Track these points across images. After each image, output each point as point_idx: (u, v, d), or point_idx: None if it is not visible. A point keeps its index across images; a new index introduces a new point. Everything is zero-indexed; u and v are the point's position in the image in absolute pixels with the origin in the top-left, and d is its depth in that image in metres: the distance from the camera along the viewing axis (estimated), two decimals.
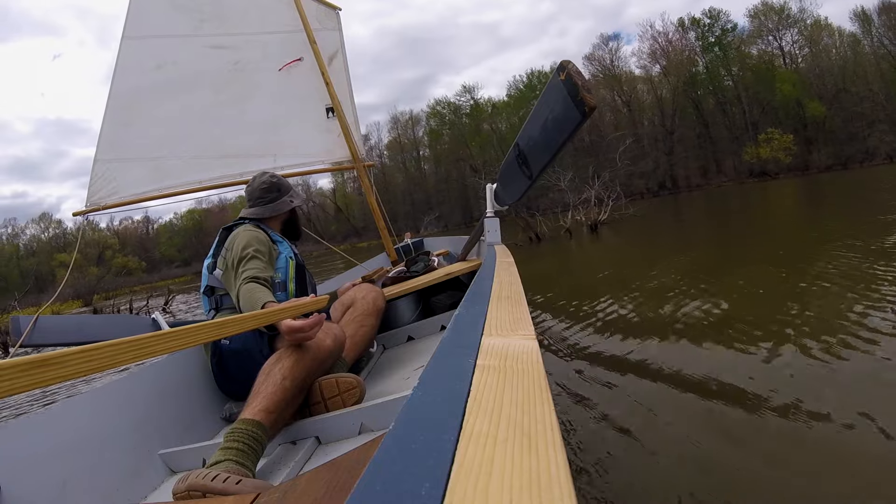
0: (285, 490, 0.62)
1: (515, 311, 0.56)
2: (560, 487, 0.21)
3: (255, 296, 1.18)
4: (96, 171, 2.73)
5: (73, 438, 1.02)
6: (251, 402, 1.00)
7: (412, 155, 47.47)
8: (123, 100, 2.83)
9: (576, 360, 2.24)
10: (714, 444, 1.34)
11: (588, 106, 0.79)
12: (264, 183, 1.62)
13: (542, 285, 4.34)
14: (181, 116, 2.96)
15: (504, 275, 0.87)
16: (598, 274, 4.68)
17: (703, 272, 3.82)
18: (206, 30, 3.09)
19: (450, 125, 44.87)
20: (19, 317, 1.69)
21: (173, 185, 2.90)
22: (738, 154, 34.35)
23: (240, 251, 1.35)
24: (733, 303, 2.73)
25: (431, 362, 0.39)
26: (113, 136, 2.78)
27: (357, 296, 1.64)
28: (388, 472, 0.24)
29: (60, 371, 0.50)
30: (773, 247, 4.60)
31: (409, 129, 48.04)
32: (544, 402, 0.30)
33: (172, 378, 1.36)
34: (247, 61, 3.18)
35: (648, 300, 3.12)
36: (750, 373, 1.75)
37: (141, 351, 0.60)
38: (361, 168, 3.32)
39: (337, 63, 3.56)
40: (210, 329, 0.77)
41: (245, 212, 1.61)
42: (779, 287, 2.95)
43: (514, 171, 1.21)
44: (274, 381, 1.03)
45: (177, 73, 2.97)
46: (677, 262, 4.49)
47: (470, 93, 44.65)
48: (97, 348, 0.54)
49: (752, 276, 3.37)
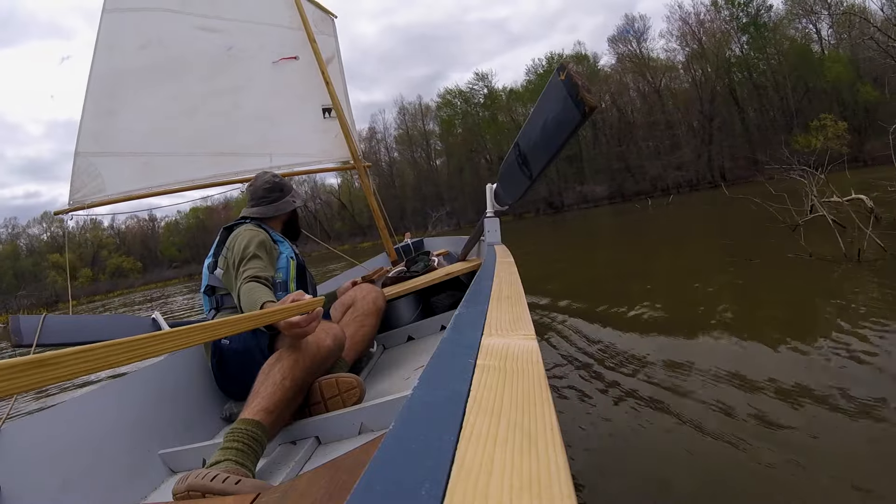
0: (285, 490, 0.62)
1: (515, 311, 0.56)
2: (560, 487, 0.21)
3: (254, 295, 1.18)
4: (78, 165, 2.53)
5: (73, 438, 1.02)
6: (251, 402, 1.00)
7: (422, 147, 45.44)
8: (105, 84, 2.62)
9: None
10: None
11: (588, 106, 0.79)
12: (267, 183, 1.63)
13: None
14: (170, 106, 2.77)
15: (504, 275, 0.87)
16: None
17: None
18: (194, 7, 2.91)
19: (462, 115, 42.40)
20: (19, 316, 1.69)
21: (164, 184, 2.74)
22: (787, 143, 31.07)
23: (241, 250, 1.35)
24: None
25: (431, 362, 0.39)
26: (95, 127, 2.58)
27: (358, 296, 1.64)
28: (388, 472, 0.24)
29: (59, 371, 0.49)
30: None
31: (419, 120, 45.85)
32: (544, 402, 0.30)
33: (172, 378, 1.36)
34: (241, 48, 3.03)
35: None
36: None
37: (140, 351, 0.60)
38: (361, 168, 3.31)
39: (333, 68, 3.54)
40: (209, 329, 0.77)
41: (247, 211, 1.61)
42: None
43: (514, 171, 1.21)
44: (273, 381, 1.03)
45: (164, 54, 2.78)
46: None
47: (483, 80, 42.05)
48: (96, 348, 0.54)
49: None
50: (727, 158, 32.62)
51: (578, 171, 37.73)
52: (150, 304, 14.62)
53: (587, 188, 36.30)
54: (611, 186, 35.57)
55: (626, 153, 35.60)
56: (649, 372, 1.89)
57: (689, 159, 33.01)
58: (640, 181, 34.49)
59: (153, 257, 50.75)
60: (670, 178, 32.67)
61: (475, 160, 40.36)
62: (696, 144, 33.60)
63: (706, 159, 33.04)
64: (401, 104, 47.47)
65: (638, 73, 36.64)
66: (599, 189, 35.70)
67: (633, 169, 35.00)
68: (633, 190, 34.42)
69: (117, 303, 23.60)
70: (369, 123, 47.68)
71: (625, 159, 35.60)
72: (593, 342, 2.41)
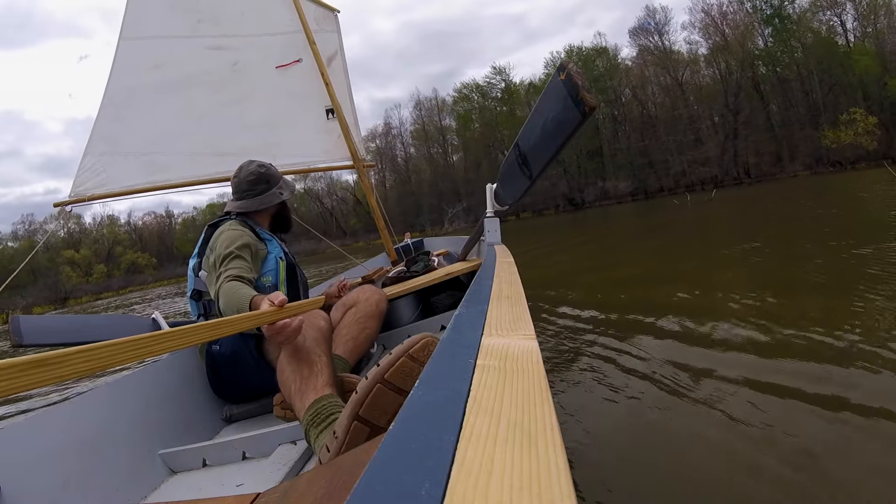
0: (285, 490, 0.62)
1: (515, 311, 0.56)
2: (560, 487, 0.21)
3: (239, 293, 1.10)
4: (84, 163, 2.67)
5: (73, 438, 1.02)
6: (305, 386, 0.96)
7: (438, 142, 45.06)
8: (119, 98, 2.79)
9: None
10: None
11: (588, 106, 0.80)
12: (251, 174, 1.52)
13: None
14: (178, 115, 2.93)
15: (504, 275, 0.87)
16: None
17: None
18: (203, 31, 3.07)
19: (479, 110, 42.09)
20: (19, 317, 1.69)
21: (166, 180, 2.84)
22: (813, 139, 29.20)
23: (222, 250, 1.27)
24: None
25: (431, 362, 0.39)
26: (105, 132, 2.74)
27: (360, 297, 1.60)
28: (388, 472, 0.24)
29: (59, 371, 0.50)
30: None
31: (435, 115, 45.36)
32: (544, 402, 0.30)
33: (172, 378, 1.36)
34: (245, 63, 3.16)
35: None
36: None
37: (140, 351, 0.60)
38: (361, 168, 3.32)
39: (336, 65, 3.56)
40: (209, 329, 0.77)
41: (231, 205, 1.51)
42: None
43: (515, 171, 1.21)
44: (312, 361, 1.00)
45: (175, 73, 2.95)
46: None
47: (501, 74, 41.73)
48: (96, 348, 0.54)
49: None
50: (751, 154, 31.67)
51: (599, 167, 36.97)
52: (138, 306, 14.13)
53: (609, 184, 35.39)
54: (634, 182, 34.70)
55: (649, 148, 34.69)
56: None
57: (714, 154, 31.98)
58: (662, 177, 33.74)
59: (169, 253, 50.69)
60: (695, 174, 31.79)
61: (492, 155, 39.67)
62: (721, 139, 32.55)
63: (731, 155, 32.00)
64: (417, 98, 47.01)
65: (660, 66, 35.74)
66: (623, 185, 34.79)
67: (655, 164, 34.19)
68: (655, 186, 33.69)
69: (116, 303, 23.30)
70: (384, 119, 47.31)
71: (647, 155, 34.71)
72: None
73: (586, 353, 2.17)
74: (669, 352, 1.99)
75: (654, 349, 2.06)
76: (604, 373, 1.91)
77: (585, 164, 37.04)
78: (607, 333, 2.41)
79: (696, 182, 31.31)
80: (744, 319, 2.24)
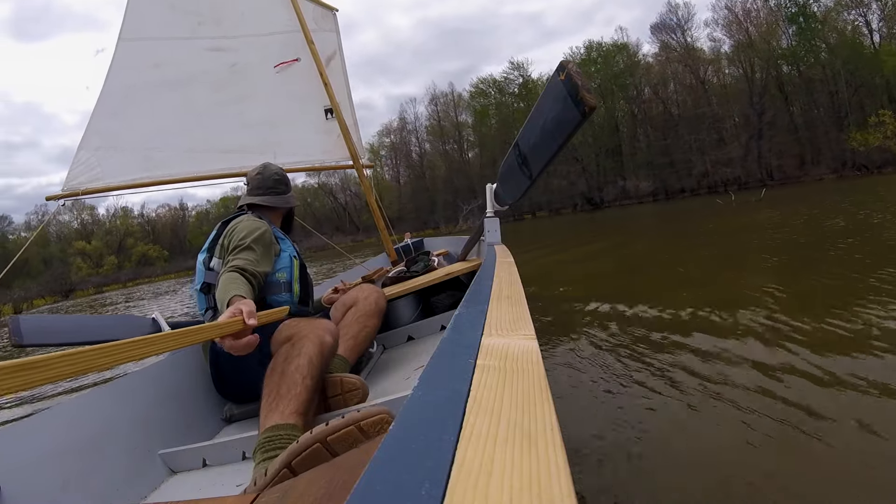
0: (285, 490, 0.62)
1: (515, 311, 0.56)
2: (560, 487, 0.21)
3: (228, 287, 1.08)
4: (79, 157, 2.63)
5: (73, 438, 1.02)
6: (275, 405, 0.96)
7: (454, 138, 44.04)
8: (116, 94, 2.76)
9: None
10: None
11: (588, 106, 0.79)
12: (277, 174, 1.61)
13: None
14: (176, 112, 2.91)
15: (504, 275, 0.87)
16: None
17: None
18: (203, 32, 3.06)
19: (496, 105, 41.14)
20: (19, 317, 1.69)
21: (163, 175, 2.82)
22: (838, 141, 28.12)
23: (238, 239, 1.28)
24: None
25: (431, 362, 0.39)
26: (101, 127, 2.70)
27: (360, 296, 1.63)
28: (388, 472, 0.24)
29: (60, 371, 0.50)
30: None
31: (451, 111, 44.59)
32: (544, 402, 0.30)
33: (172, 378, 1.36)
34: (244, 63, 3.15)
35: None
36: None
37: (140, 351, 0.60)
38: (360, 169, 3.32)
39: (335, 64, 3.55)
40: (210, 329, 0.77)
41: (251, 199, 1.54)
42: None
43: (515, 171, 1.21)
44: (294, 382, 1.00)
45: (174, 72, 2.94)
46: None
47: (519, 69, 40.54)
48: (97, 349, 0.54)
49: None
50: (775, 156, 30.68)
51: (618, 165, 36.07)
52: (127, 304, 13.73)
53: (630, 183, 34.21)
54: (654, 182, 33.56)
55: (670, 147, 33.60)
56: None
57: (738, 155, 30.87)
58: (683, 177, 32.69)
59: (181, 246, 50.58)
60: (718, 175, 30.77)
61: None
62: (745, 140, 31.36)
63: (755, 156, 30.87)
64: (433, 93, 46.12)
65: (682, 63, 34.59)
66: (643, 185, 33.61)
67: (677, 164, 33.04)
68: (676, 187, 32.65)
69: (119, 297, 22.89)
70: (399, 114, 46.61)
71: (669, 154, 33.60)
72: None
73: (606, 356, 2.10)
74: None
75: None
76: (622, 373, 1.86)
77: (604, 163, 36.19)
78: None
79: (719, 183, 30.27)
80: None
